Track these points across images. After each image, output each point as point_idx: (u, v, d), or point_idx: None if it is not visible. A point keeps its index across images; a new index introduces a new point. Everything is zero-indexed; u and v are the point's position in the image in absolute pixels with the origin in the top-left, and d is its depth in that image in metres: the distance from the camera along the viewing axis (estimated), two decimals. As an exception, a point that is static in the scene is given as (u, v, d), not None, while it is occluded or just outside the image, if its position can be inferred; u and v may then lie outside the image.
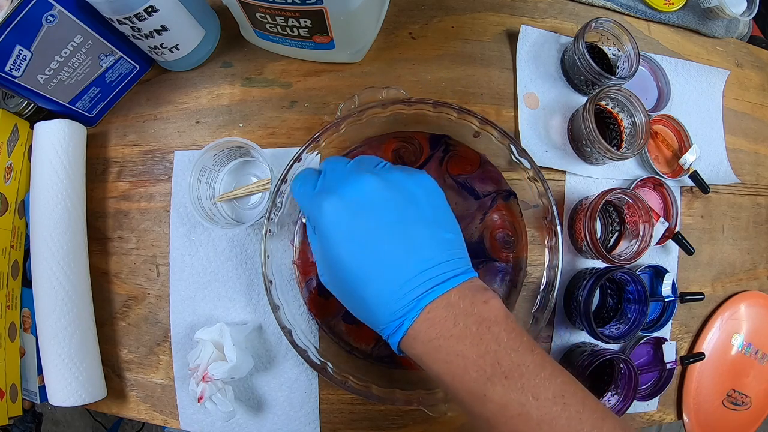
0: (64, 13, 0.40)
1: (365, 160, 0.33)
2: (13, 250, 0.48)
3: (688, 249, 0.51)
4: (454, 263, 0.29)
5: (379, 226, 0.28)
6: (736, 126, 0.59)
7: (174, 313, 0.49)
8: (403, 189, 0.30)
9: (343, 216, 0.29)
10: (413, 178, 0.31)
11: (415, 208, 0.30)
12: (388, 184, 0.30)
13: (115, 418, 1.20)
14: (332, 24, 0.42)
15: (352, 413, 0.48)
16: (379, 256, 0.28)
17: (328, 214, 0.29)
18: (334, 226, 0.29)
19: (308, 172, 0.34)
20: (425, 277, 0.27)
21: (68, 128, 0.47)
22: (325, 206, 0.29)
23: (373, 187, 0.29)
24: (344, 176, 0.31)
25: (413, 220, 0.29)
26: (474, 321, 0.27)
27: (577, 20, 0.55)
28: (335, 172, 0.32)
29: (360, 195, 0.29)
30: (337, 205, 0.29)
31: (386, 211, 0.29)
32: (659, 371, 0.52)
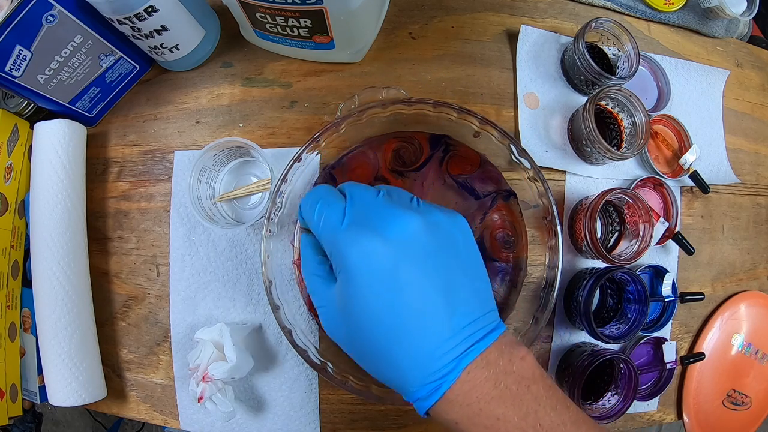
0: (64, 13, 0.40)
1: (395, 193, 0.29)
2: (13, 250, 0.48)
3: (688, 249, 0.51)
4: (490, 316, 0.26)
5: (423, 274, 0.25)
6: (736, 126, 0.59)
7: (174, 313, 0.49)
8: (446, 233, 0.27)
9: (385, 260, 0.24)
10: (452, 220, 0.28)
11: (456, 255, 0.26)
12: (432, 226, 0.26)
13: (115, 418, 1.20)
14: (332, 24, 0.42)
15: (352, 413, 0.48)
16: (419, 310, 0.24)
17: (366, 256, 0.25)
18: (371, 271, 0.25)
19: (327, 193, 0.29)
20: (465, 334, 0.25)
21: (68, 128, 0.47)
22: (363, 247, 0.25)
23: (418, 228, 0.26)
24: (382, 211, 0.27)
25: (455, 269, 0.26)
26: (514, 380, 0.25)
27: (577, 20, 0.55)
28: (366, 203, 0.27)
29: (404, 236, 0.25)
30: (380, 248, 0.25)
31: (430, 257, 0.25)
32: (659, 371, 0.52)
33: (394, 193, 0.29)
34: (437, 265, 0.25)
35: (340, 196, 0.29)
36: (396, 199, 0.28)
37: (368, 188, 0.29)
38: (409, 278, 0.24)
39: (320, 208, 0.28)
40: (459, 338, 0.24)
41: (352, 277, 0.25)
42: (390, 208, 0.27)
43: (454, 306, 0.25)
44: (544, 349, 0.50)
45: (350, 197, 0.28)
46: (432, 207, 0.28)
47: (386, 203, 0.27)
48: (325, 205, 0.28)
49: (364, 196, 0.28)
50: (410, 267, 0.25)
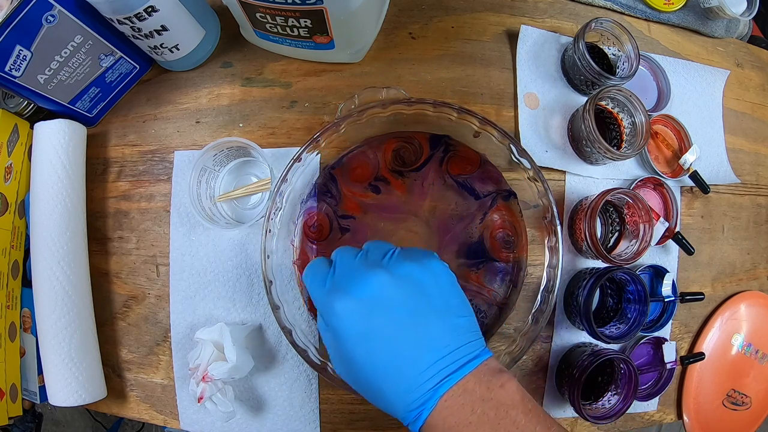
0: (64, 13, 0.40)
1: (374, 249, 0.32)
2: (13, 250, 0.48)
3: (688, 249, 0.51)
4: (468, 347, 0.29)
5: (391, 322, 0.29)
6: (736, 126, 0.59)
7: (174, 313, 0.49)
8: (413, 281, 0.30)
9: (356, 316, 0.29)
10: (423, 266, 0.31)
11: (425, 299, 0.30)
12: (398, 280, 0.29)
13: (115, 418, 1.20)
14: (332, 24, 0.42)
15: (352, 413, 0.48)
16: (394, 353, 0.28)
17: (340, 315, 0.29)
18: (347, 327, 0.29)
19: (319, 264, 0.34)
20: (440, 367, 0.28)
21: (68, 128, 0.47)
22: (337, 307, 0.29)
23: (384, 284, 0.29)
24: (354, 273, 0.30)
25: (424, 312, 0.29)
26: (491, 406, 0.27)
27: (577, 20, 0.55)
28: (344, 267, 0.32)
29: (371, 294, 0.29)
30: (350, 306, 0.29)
31: (397, 307, 0.29)
32: (659, 371, 0.52)
33: (373, 250, 0.32)
34: (406, 312, 0.29)
35: (326, 265, 0.33)
36: (371, 257, 0.32)
37: (350, 251, 0.33)
38: (379, 328, 0.28)
39: (312, 278, 0.33)
40: (434, 370, 0.28)
41: (335, 332, 0.30)
42: (361, 269, 0.30)
43: (424, 344, 0.28)
44: (544, 349, 0.50)
45: (334, 263, 0.32)
46: (403, 258, 0.31)
47: (360, 265, 0.31)
48: (315, 275, 0.33)
49: (344, 261, 0.32)
50: (380, 319, 0.29)
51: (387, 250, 0.32)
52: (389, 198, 0.48)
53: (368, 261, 0.31)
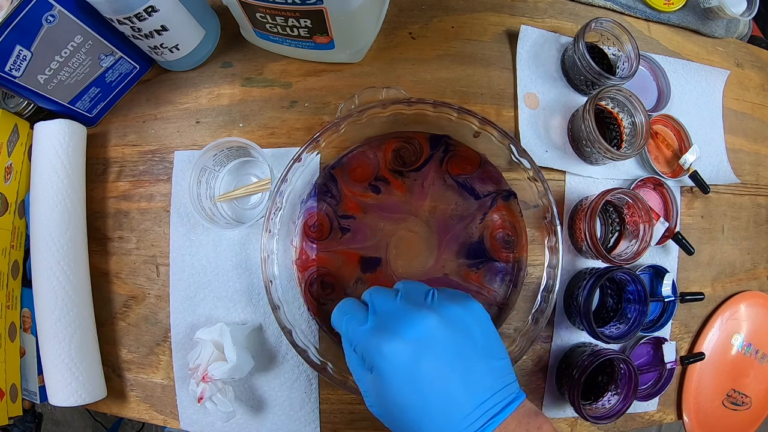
0: (64, 13, 0.40)
1: (412, 291, 0.33)
2: (13, 250, 0.48)
3: (688, 249, 0.51)
4: (507, 389, 0.30)
5: (440, 364, 0.29)
6: (736, 126, 0.59)
7: (174, 313, 0.49)
8: (459, 324, 0.30)
9: (405, 358, 0.29)
10: (465, 308, 0.31)
11: (471, 341, 0.30)
12: (446, 322, 0.30)
13: (115, 418, 1.20)
14: (332, 24, 0.42)
15: (352, 413, 0.48)
16: (441, 395, 0.28)
17: (389, 357, 0.29)
18: (395, 368, 0.29)
19: (352, 305, 0.33)
20: (484, 409, 0.28)
21: (68, 128, 0.47)
22: (385, 348, 0.29)
23: (433, 326, 0.29)
24: (400, 314, 0.30)
25: (470, 354, 0.30)
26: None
27: (577, 20, 0.55)
28: (386, 307, 0.32)
29: (421, 335, 0.29)
30: (399, 348, 0.29)
31: (446, 349, 0.29)
32: (659, 371, 0.52)
33: (411, 291, 0.33)
34: (454, 354, 0.29)
35: (362, 307, 0.33)
36: (413, 298, 0.32)
37: (386, 291, 0.33)
38: (429, 370, 0.28)
39: (347, 321, 0.32)
40: (479, 413, 0.28)
41: (381, 375, 0.29)
42: (407, 309, 0.31)
43: (471, 387, 0.29)
44: (544, 349, 0.50)
45: (371, 304, 0.32)
46: (446, 300, 0.31)
47: (404, 306, 0.31)
48: (351, 318, 0.32)
49: (384, 301, 0.32)
50: (430, 361, 0.28)
51: (426, 290, 0.32)
52: (389, 198, 0.48)
53: (411, 302, 0.31)
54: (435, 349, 0.29)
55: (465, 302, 0.32)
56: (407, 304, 0.31)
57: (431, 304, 0.31)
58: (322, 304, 0.47)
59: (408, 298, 0.32)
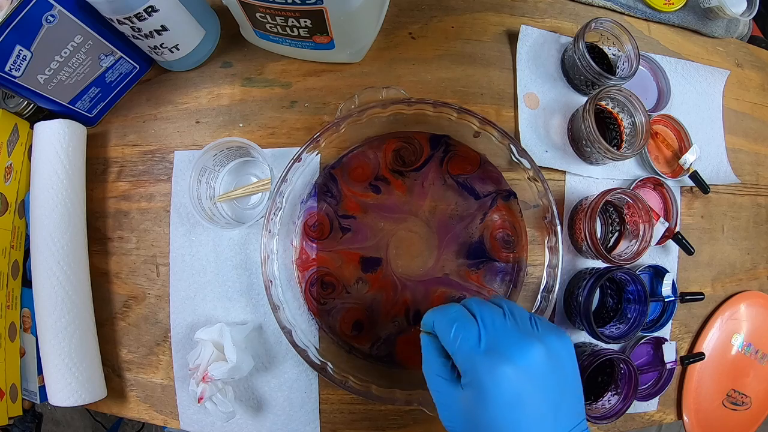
0: (64, 13, 0.40)
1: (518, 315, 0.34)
2: (13, 250, 0.48)
3: (688, 249, 0.51)
4: (582, 425, 0.31)
5: (539, 394, 0.30)
6: (736, 126, 0.59)
7: (174, 313, 0.49)
8: (558, 357, 0.32)
9: (515, 385, 0.29)
10: (563, 342, 0.33)
11: (564, 374, 0.32)
12: (551, 354, 0.31)
13: (115, 418, 1.20)
14: (332, 24, 0.42)
15: (352, 413, 0.48)
16: (531, 422, 0.29)
17: (500, 380, 0.30)
18: (502, 393, 0.29)
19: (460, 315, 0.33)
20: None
21: (68, 128, 0.47)
22: (498, 371, 0.30)
23: (541, 357, 0.31)
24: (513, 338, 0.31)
25: (563, 387, 0.31)
26: None
27: (577, 20, 0.55)
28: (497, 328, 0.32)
29: (532, 364, 0.30)
30: (511, 374, 0.30)
31: (547, 382, 0.30)
32: (659, 371, 0.52)
33: (516, 314, 0.33)
34: (551, 386, 0.31)
35: (472, 319, 0.33)
36: (520, 322, 0.33)
37: (495, 310, 0.33)
38: (530, 397, 0.30)
39: (456, 330, 0.32)
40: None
41: (485, 394, 0.30)
42: (518, 335, 0.32)
43: (559, 420, 0.30)
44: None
45: (482, 321, 0.32)
46: (548, 330, 0.33)
47: (514, 329, 0.32)
48: (461, 327, 0.32)
49: (495, 321, 0.33)
50: (532, 389, 0.30)
51: (529, 315, 0.34)
52: (389, 198, 0.48)
53: (518, 326, 0.33)
54: (538, 380, 0.30)
55: (562, 335, 0.33)
56: (516, 329, 0.32)
57: (537, 332, 0.32)
58: (322, 304, 0.47)
59: (516, 322, 0.33)
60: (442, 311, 0.34)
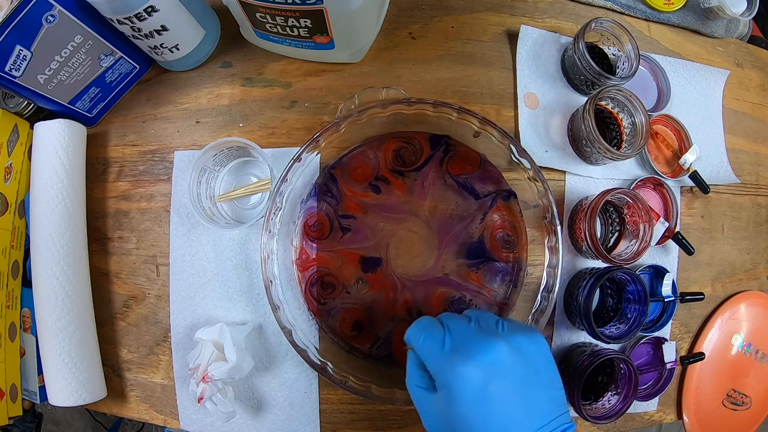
0: (64, 13, 0.40)
1: (483, 319, 0.35)
2: (13, 250, 0.48)
3: (688, 249, 0.51)
4: (561, 418, 0.32)
5: (505, 389, 0.31)
6: (736, 126, 0.59)
7: (174, 313, 0.49)
8: (524, 353, 0.33)
9: (477, 381, 0.31)
10: (531, 339, 0.34)
11: (533, 370, 0.32)
12: (514, 351, 0.32)
13: (115, 418, 1.20)
14: (332, 24, 0.42)
15: (352, 413, 0.48)
16: (504, 417, 0.31)
17: (463, 377, 0.31)
18: (466, 389, 0.31)
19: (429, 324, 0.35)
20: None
21: (68, 128, 0.47)
22: (460, 370, 0.31)
23: (504, 354, 0.32)
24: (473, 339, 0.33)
25: (532, 382, 0.32)
26: None
27: (577, 20, 0.55)
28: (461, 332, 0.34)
29: (493, 361, 0.32)
30: (473, 371, 0.31)
31: (512, 375, 0.32)
32: (659, 371, 0.52)
33: (482, 320, 0.35)
34: (518, 380, 0.32)
35: (440, 326, 0.35)
36: (484, 326, 0.35)
37: (461, 318, 0.36)
38: (496, 393, 0.31)
39: (425, 337, 0.34)
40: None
41: (452, 393, 0.31)
42: (480, 336, 0.33)
43: (531, 412, 0.31)
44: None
45: (447, 327, 0.35)
46: (514, 330, 0.34)
47: (477, 332, 0.34)
48: (429, 335, 0.34)
49: (459, 326, 0.35)
50: (497, 385, 0.31)
51: (495, 319, 0.35)
52: (390, 198, 0.48)
53: (482, 329, 0.34)
54: (502, 375, 0.31)
55: (530, 334, 0.34)
56: (479, 331, 0.34)
57: (501, 332, 0.34)
58: (322, 304, 0.47)
59: (479, 325, 0.35)
60: (415, 324, 0.36)
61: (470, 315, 0.36)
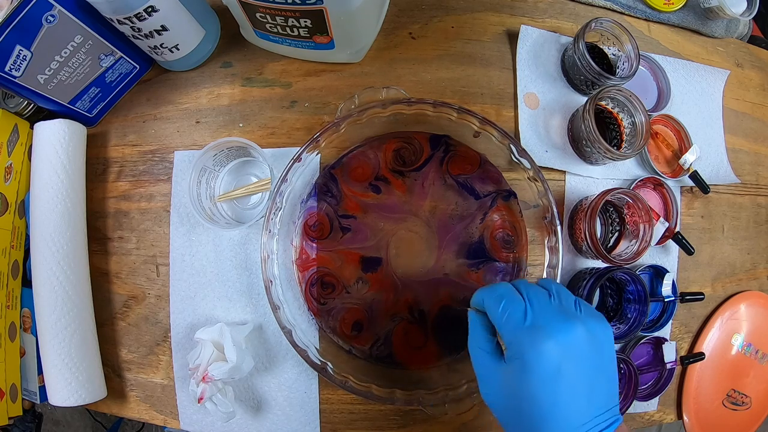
0: (64, 13, 0.40)
1: (564, 296, 0.35)
2: (13, 250, 0.48)
3: (688, 249, 0.51)
4: (614, 410, 0.32)
5: (577, 371, 0.31)
6: (736, 126, 0.59)
7: (174, 313, 0.49)
8: (598, 340, 0.33)
9: (554, 359, 0.31)
10: (604, 327, 0.34)
11: (601, 357, 0.33)
12: (591, 336, 0.32)
13: (115, 418, 1.20)
14: (332, 24, 0.42)
15: (352, 413, 0.48)
16: (568, 397, 0.31)
17: (542, 354, 0.31)
18: (543, 366, 0.31)
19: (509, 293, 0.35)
20: (596, 422, 0.31)
21: (68, 128, 0.47)
22: (540, 346, 0.31)
23: (582, 337, 0.32)
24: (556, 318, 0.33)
25: (599, 369, 0.33)
26: None
27: (577, 20, 0.55)
28: (543, 307, 0.34)
29: (573, 343, 0.32)
30: (553, 349, 0.31)
31: (584, 361, 0.32)
32: (659, 371, 0.52)
33: (563, 296, 0.35)
34: (589, 367, 0.32)
35: (520, 297, 0.34)
36: (565, 304, 0.35)
37: (542, 291, 0.35)
38: (568, 374, 0.31)
39: (505, 306, 0.34)
40: (591, 424, 0.31)
41: (527, 366, 0.31)
42: (562, 314, 0.33)
43: (593, 399, 0.31)
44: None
45: (528, 300, 0.34)
46: (590, 315, 0.34)
47: (558, 309, 0.34)
48: (509, 303, 0.34)
49: (540, 300, 0.34)
50: (570, 366, 0.31)
51: (574, 298, 0.35)
52: (390, 198, 0.48)
53: (563, 307, 0.34)
54: (578, 358, 0.31)
55: (603, 321, 0.34)
56: (560, 310, 0.34)
57: (579, 315, 0.34)
58: (322, 304, 0.47)
59: (561, 303, 0.34)
60: (491, 289, 0.36)
61: (550, 288, 0.36)
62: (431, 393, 0.43)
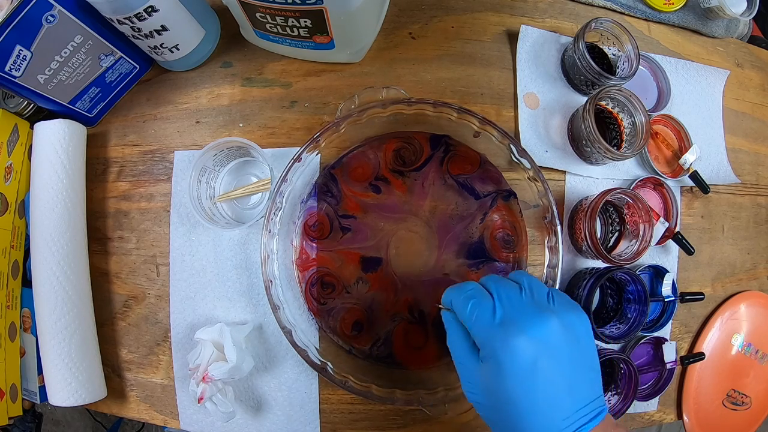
0: (64, 13, 0.40)
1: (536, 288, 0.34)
2: (13, 250, 0.48)
3: (688, 249, 0.51)
4: (598, 401, 0.31)
5: (553, 366, 0.30)
6: (736, 126, 0.59)
7: (174, 313, 0.49)
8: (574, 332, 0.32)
9: (528, 356, 0.30)
10: (579, 317, 0.33)
11: (579, 350, 0.32)
12: (565, 328, 0.31)
13: (115, 418, 1.20)
14: (332, 24, 0.42)
15: (352, 413, 0.48)
16: (547, 394, 0.30)
17: (513, 352, 0.30)
18: (516, 364, 0.30)
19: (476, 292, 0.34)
20: (579, 415, 0.30)
21: (68, 128, 0.47)
22: (511, 343, 0.30)
23: (556, 331, 0.31)
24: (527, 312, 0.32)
25: (578, 362, 0.32)
26: None
27: (577, 20, 0.55)
28: (513, 302, 0.33)
29: (545, 337, 0.31)
30: (525, 346, 0.30)
31: (561, 354, 0.31)
32: (659, 371, 0.52)
33: (535, 289, 0.34)
34: (566, 359, 0.31)
35: (488, 295, 0.33)
36: (536, 297, 0.33)
37: (512, 286, 0.34)
38: (545, 371, 0.30)
39: (472, 307, 0.33)
40: (575, 417, 0.30)
41: (501, 366, 0.30)
42: (533, 308, 0.32)
43: (574, 392, 0.31)
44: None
45: (497, 296, 0.33)
46: (564, 306, 0.33)
47: (529, 303, 0.33)
48: (476, 304, 0.33)
49: (510, 295, 0.33)
50: (546, 362, 0.30)
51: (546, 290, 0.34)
52: (390, 198, 0.48)
53: (535, 300, 0.33)
54: (553, 352, 0.31)
55: (579, 311, 0.33)
56: (532, 303, 0.33)
57: (553, 307, 0.33)
58: (322, 304, 0.47)
59: (533, 297, 0.33)
60: (458, 289, 0.35)
61: (521, 281, 0.34)
62: (431, 393, 0.43)
